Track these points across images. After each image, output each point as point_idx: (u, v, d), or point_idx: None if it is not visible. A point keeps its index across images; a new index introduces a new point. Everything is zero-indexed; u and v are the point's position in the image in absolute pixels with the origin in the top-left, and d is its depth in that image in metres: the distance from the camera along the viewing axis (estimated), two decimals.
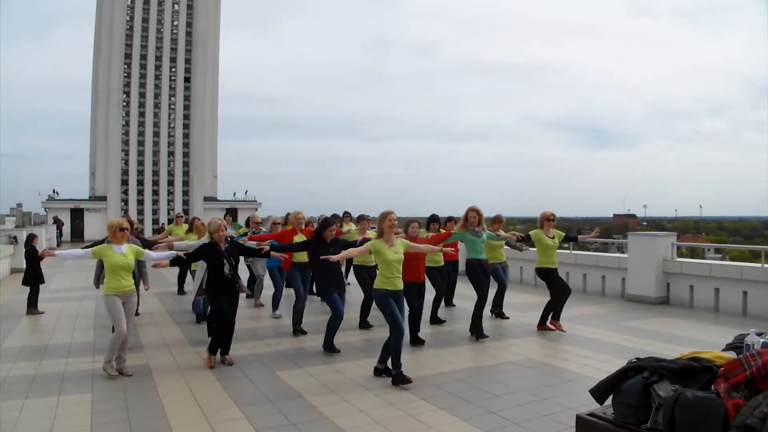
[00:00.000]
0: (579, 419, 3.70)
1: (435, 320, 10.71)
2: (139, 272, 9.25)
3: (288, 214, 13.35)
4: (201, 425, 5.71)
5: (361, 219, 11.84)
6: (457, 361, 8.18)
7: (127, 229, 7.66)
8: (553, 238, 10.08)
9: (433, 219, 10.94)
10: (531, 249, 10.42)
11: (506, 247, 11.22)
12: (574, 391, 6.55)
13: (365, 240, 8.81)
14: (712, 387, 3.29)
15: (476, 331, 9.55)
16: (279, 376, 7.35)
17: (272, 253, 8.55)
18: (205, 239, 8.48)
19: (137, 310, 9.51)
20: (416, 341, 9.01)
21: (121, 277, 7.44)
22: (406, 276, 7.69)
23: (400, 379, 6.89)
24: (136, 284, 9.16)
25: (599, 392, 3.74)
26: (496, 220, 11.04)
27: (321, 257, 7.58)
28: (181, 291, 14.94)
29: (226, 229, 8.12)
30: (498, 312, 11.31)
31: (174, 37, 58.33)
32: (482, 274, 9.65)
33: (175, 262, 8.01)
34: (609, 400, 3.68)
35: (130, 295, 7.56)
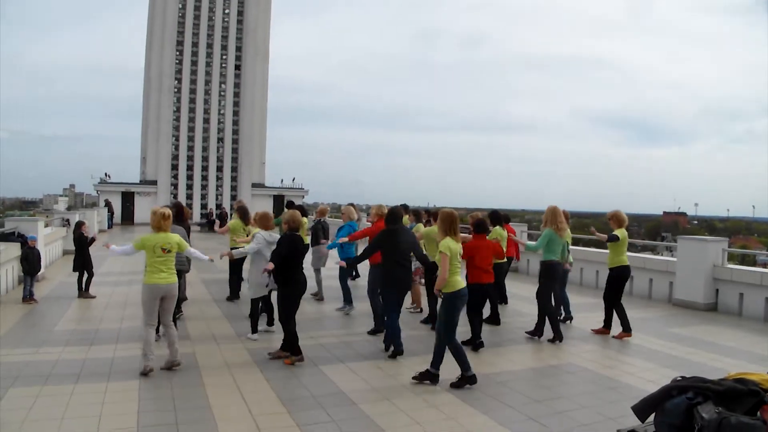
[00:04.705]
0: None
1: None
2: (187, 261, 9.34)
3: (371, 207, 13.63)
4: (244, 417, 5.84)
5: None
6: (499, 363, 8.16)
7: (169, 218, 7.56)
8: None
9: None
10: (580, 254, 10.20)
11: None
12: (615, 400, 6.50)
13: None
14: (758, 413, 3.24)
15: (555, 333, 9.33)
16: (322, 371, 7.46)
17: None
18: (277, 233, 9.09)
19: (185, 294, 9.77)
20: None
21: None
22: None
23: (466, 381, 6.89)
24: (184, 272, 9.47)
25: (641, 409, 3.71)
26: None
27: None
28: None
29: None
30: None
31: (225, 25, 59.06)
32: (552, 276, 9.58)
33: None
34: (651, 418, 3.66)
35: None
